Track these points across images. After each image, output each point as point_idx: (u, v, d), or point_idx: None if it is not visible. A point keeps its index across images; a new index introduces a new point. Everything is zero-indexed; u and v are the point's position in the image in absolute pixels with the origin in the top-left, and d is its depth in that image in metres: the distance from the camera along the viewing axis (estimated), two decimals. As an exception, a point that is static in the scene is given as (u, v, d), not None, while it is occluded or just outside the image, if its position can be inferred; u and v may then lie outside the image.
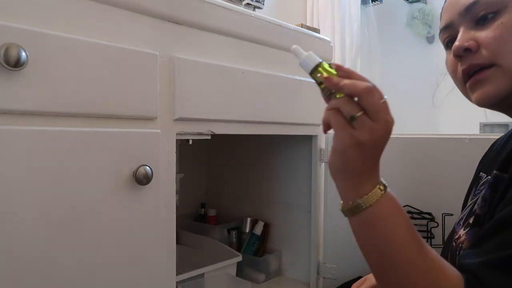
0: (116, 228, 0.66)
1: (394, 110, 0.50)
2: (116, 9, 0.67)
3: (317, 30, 1.20)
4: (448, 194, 1.02)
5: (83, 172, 0.62)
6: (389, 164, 1.11)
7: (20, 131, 0.56)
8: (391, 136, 0.49)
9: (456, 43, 0.55)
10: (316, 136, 1.16)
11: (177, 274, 0.80)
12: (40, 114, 0.58)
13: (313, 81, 0.52)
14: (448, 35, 0.59)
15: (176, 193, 0.78)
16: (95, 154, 0.63)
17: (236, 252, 1.16)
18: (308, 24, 1.89)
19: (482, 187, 0.62)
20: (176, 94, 0.75)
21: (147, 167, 0.68)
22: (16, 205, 0.55)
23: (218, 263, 1.08)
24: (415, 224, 1.05)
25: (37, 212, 0.57)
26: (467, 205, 0.66)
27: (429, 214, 1.05)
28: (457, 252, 0.58)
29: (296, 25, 1.08)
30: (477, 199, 0.61)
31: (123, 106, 0.67)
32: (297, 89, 1.05)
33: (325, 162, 1.18)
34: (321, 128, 0.53)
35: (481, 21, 0.54)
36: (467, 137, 0.98)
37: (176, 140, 0.77)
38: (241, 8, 0.91)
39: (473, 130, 2.09)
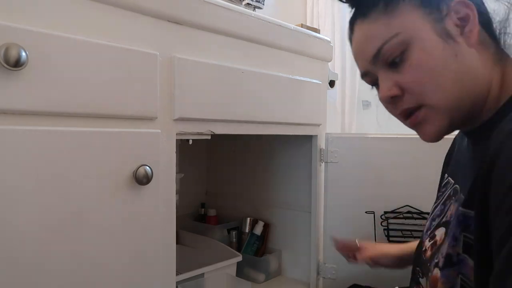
0: (116, 228, 0.66)
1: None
2: (116, 9, 0.67)
3: (317, 30, 1.20)
4: (448, 194, 1.02)
5: (83, 172, 0.62)
6: (389, 164, 1.11)
7: (20, 131, 0.56)
8: (391, 136, 0.49)
9: (380, 94, 0.55)
10: (316, 136, 1.16)
11: (177, 274, 0.80)
12: (40, 114, 0.58)
13: (313, 81, 0.51)
14: (370, 80, 0.58)
15: (176, 193, 0.78)
16: (95, 154, 0.63)
17: (236, 252, 1.16)
18: (308, 24, 1.89)
19: (447, 192, 0.61)
20: (176, 94, 0.75)
21: (147, 167, 0.68)
22: (16, 205, 0.55)
23: (218, 263, 1.08)
24: (415, 224, 1.05)
25: (37, 212, 0.57)
26: (433, 212, 0.64)
27: (429, 214, 1.05)
28: (428, 269, 0.56)
29: (296, 25, 1.08)
30: (445, 208, 0.59)
31: (123, 106, 0.67)
32: (297, 89, 1.05)
33: (325, 162, 1.18)
34: (321, 128, 0.53)
35: (393, 65, 0.53)
36: (467, 137, 0.98)
37: (176, 140, 0.77)
38: (241, 8, 0.91)
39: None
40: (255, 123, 0.94)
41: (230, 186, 1.49)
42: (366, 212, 1.10)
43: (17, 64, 0.53)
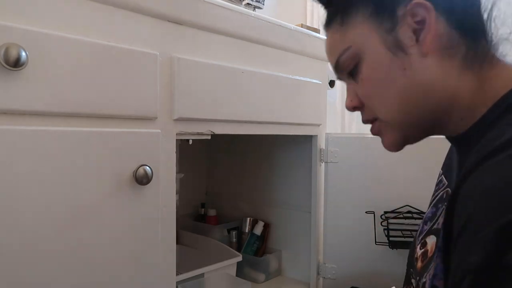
0: (116, 228, 0.66)
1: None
2: (116, 9, 0.67)
3: (317, 30, 1.19)
4: (448, 194, 1.02)
5: (83, 172, 0.62)
6: (389, 164, 1.11)
7: (20, 131, 0.56)
8: None
9: (346, 103, 0.56)
10: (316, 136, 1.16)
11: (177, 274, 0.80)
12: (40, 114, 0.58)
13: (313, 81, 0.51)
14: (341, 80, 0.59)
15: (176, 193, 0.78)
16: (95, 154, 0.63)
17: (236, 252, 1.16)
18: (308, 24, 1.89)
19: (439, 193, 0.59)
20: (176, 94, 0.75)
21: (147, 167, 0.68)
22: (16, 205, 0.55)
23: (218, 263, 1.08)
24: (415, 224, 1.05)
25: (37, 212, 0.57)
26: (426, 213, 0.62)
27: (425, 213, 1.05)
28: (418, 278, 0.53)
29: (296, 25, 1.08)
30: (437, 212, 0.57)
31: (123, 106, 0.67)
32: (297, 89, 1.05)
33: (325, 162, 1.18)
34: (321, 128, 0.53)
35: (351, 77, 0.53)
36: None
37: (176, 140, 0.77)
38: (241, 8, 0.91)
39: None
40: (255, 123, 0.94)
41: (230, 186, 1.49)
42: (366, 212, 1.10)
43: (17, 64, 0.53)
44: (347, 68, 0.52)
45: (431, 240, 0.53)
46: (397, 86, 0.49)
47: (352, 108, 0.55)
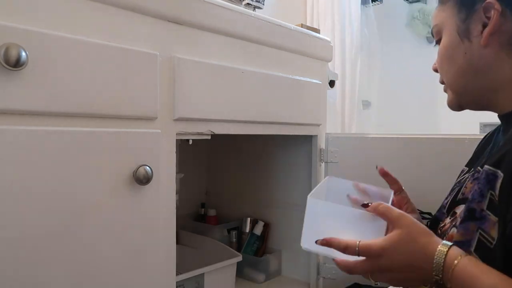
0: (116, 228, 0.66)
1: (394, 110, 0.50)
2: (116, 9, 0.67)
3: (317, 30, 1.20)
4: (448, 194, 1.02)
5: (83, 172, 0.62)
6: (389, 164, 1.11)
7: (20, 131, 0.56)
8: (391, 136, 0.50)
9: (433, 65, 0.70)
10: (316, 136, 1.16)
11: (177, 274, 0.80)
12: (40, 114, 0.58)
13: (313, 81, 0.52)
14: None
15: (176, 193, 0.78)
16: (95, 154, 0.63)
17: (236, 252, 1.16)
18: (308, 24, 1.89)
19: (466, 177, 0.65)
20: (176, 94, 0.75)
21: (147, 167, 0.68)
22: (16, 204, 0.55)
23: (218, 263, 1.08)
24: (415, 224, 1.05)
25: (36, 211, 0.57)
26: (449, 193, 0.69)
27: (429, 214, 1.05)
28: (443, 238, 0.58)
29: (296, 25, 1.08)
30: (461, 188, 0.63)
31: (123, 106, 0.67)
32: (297, 89, 1.05)
33: (325, 162, 1.18)
34: (321, 128, 0.54)
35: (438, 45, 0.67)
36: (467, 137, 0.98)
37: (176, 140, 0.77)
38: (241, 8, 0.92)
39: (473, 130, 2.09)
40: (255, 123, 0.94)
41: (230, 186, 1.49)
42: (366, 212, 1.09)
43: (17, 64, 0.53)
44: (436, 38, 0.67)
45: (460, 209, 0.60)
46: (457, 64, 0.62)
47: (434, 69, 0.70)
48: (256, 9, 1.21)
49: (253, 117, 0.93)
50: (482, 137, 0.75)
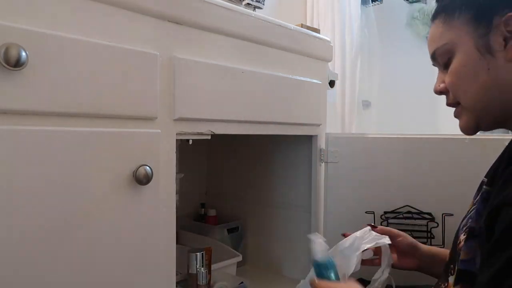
0: (116, 228, 0.66)
1: (394, 110, 0.51)
2: (116, 9, 0.67)
3: (317, 30, 1.19)
4: (448, 194, 1.02)
5: (83, 172, 0.62)
6: (389, 164, 1.11)
7: (20, 131, 0.56)
8: (391, 136, 0.50)
9: (434, 87, 0.67)
10: (316, 136, 1.16)
11: (177, 274, 0.80)
12: (40, 114, 0.58)
13: (313, 81, 0.52)
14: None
15: (176, 193, 0.78)
16: (95, 154, 0.63)
17: (236, 252, 1.16)
18: (308, 24, 1.89)
19: (478, 194, 0.65)
20: (176, 94, 0.75)
21: (147, 167, 0.68)
22: (15, 204, 0.55)
23: (218, 263, 1.08)
24: (415, 224, 1.05)
25: (36, 211, 0.57)
26: (468, 209, 0.68)
27: (429, 214, 1.05)
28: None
29: (296, 25, 1.08)
30: (475, 207, 0.63)
31: (123, 106, 0.67)
32: (297, 89, 1.05)
33: (325, 162, 1.18)
34: (321, 128, 0.55)
35: (445, 66, 0.63)
36: (467, 137, 0.98)
37: (176, 140, 0.77)
38: (241, 8, 0.91)
39: (473, 130, 2.08)
40: (255, 123, 0.94)
41: (230, 186, 1.49)
42: (366, 212, 1.10)
43: (17, 64, 0.53)
44: (441, 59, 0.63)
45: None
46: (479, 81, 0.59)
47: (438, 92, 0.66)
48: (256, 9, 1.21)
49: (253, 117, 0.93)
50: (482, 137, 0.75)
